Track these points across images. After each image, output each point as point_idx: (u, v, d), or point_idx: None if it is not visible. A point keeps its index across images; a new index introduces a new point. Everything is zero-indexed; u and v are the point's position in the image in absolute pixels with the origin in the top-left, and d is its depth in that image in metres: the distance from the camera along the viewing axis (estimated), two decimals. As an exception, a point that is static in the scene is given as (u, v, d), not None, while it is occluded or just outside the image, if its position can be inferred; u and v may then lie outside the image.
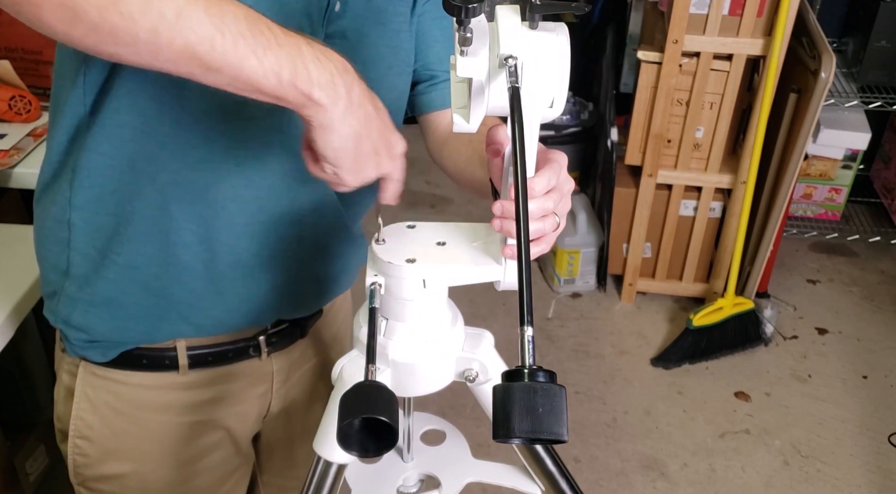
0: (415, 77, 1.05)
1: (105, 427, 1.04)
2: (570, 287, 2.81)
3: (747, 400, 2.41)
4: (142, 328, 0.99)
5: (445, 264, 0.80)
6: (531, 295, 0.60)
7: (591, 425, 2.30)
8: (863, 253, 3.03)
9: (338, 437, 0.66)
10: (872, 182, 3.12)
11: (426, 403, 0.89)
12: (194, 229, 0.93)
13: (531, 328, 0.60)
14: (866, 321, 2.72)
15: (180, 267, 0.95)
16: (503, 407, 0.58)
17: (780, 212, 2.47)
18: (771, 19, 2.25)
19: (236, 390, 1.09)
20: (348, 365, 0.83)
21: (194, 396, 1.05)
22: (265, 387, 1.12)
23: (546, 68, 0.69)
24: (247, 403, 1.11)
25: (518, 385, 0.58)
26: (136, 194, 0.90)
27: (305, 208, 0.97)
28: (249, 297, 1.00)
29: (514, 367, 0.59)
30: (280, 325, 1.09)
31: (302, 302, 1.09)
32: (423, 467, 0.97)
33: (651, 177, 2.54)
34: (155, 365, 1.02)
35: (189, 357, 1.02)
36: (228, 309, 1.00)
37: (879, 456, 2.22)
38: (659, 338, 2.62)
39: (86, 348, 1.00)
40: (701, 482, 2.14)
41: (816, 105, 2.26)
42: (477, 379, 0.85)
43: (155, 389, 1.03)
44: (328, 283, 1.11)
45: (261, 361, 1.09)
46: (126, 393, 1.03)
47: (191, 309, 0.98)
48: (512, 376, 0.59)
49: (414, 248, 0.80)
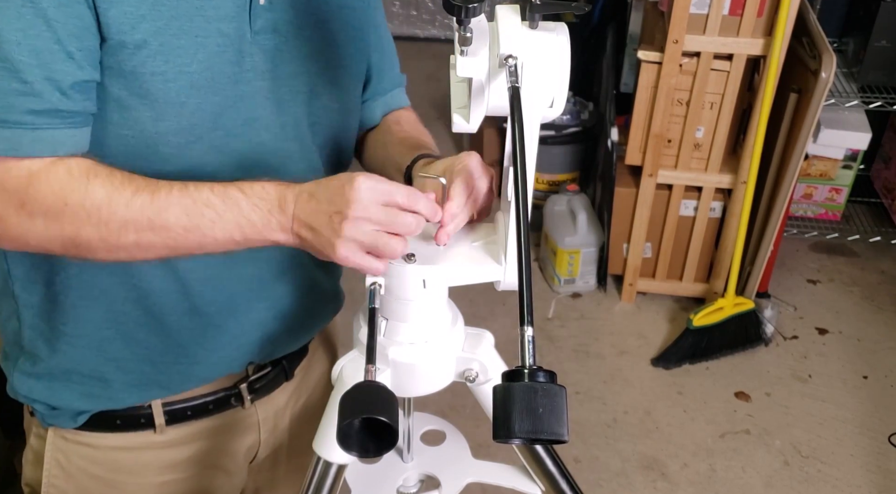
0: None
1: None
2: (571, 287, 2.81)
3: (747, 400, 2.40)
4: (108, 395, 0.94)
5: (446, 264, 0.80)
6: (531, 295, 0.61)
7: (592, 425, 2.30)
8: (863, 253, 3.02)
9: (338, 437, 0.66)
10: (873, 182, 3.12)
11: (426, 403, 0.89)
12: (134, 284, 0.89)
13: (531, 328, 0.60)
14: (866, 321, 2.72)
15: (130, 326, 0.91)
16: (503, 408, 0.58)
17: (781, 211, 2.47)
18: (771, 19, 2.25)
19: (220, 445, 1.02)
20: (348, 366, 0.83)
21: (175, 454, 0.99)
22: (252, 439, 1.06)
23: (546, 68, 0.69)
24: (232, 457, 1.05)
25: (518, 385, 0.58)
26: (61, 262, 0.87)
27: (256, 250, 0.91)
28: (214, 347, 0.95)
29: (515, 367, 0.59)
30: (262, 370, 1.02)
31: (277, 342, 1.01)
32: (423, 467, 0.97)
33: (651, 177, 2.54)
34: (130, 425, 0.96)
35: (166, 414, 0.96)
36: (194, 360, 0.95)
37: (879, 456, 2.22)
38: (659, 338, 2.62)
39: (53, 417, 0.95)
40: (701, 482, 2.14)
41: (817, 105, 2.26)
42: (477, 379, 0.85)
43: (131, 450, 0.97)
44: (303, 319, 1.04)
45: (245, 410, 1.02)
46: (101, 456, 0.97)
47: (154, 367, 0.94)
48: (512, 376, 0.59)
49: (414, 247, 0.80)
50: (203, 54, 0.81)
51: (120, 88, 0.79)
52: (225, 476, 1.05)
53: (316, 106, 0.93)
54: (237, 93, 0.85)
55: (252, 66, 0.85)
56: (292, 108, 0.90)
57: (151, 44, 0.78)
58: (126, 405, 0.95)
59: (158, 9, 0.78)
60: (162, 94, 0.80)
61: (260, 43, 0.85)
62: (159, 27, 0.78)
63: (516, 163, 0.63)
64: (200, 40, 0.81)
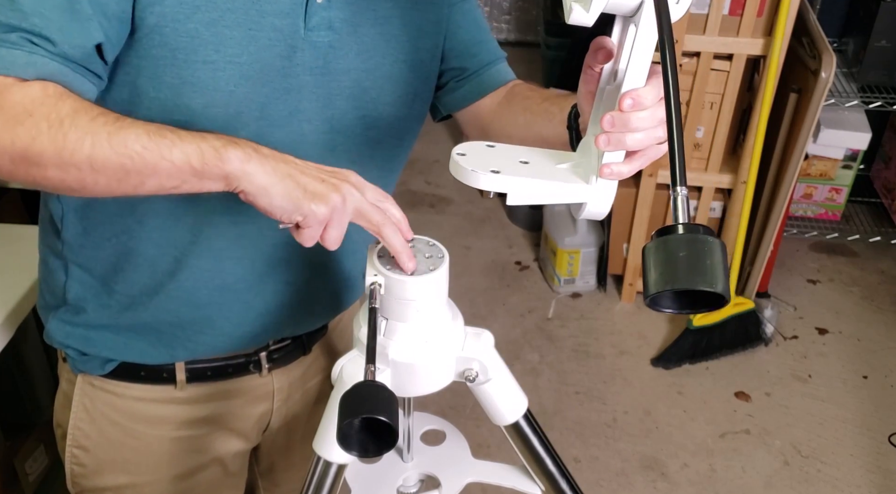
0: (444, 72, 1.03)
1: (102, 438, 1.03)
2: (571, 287, 2.81)
3: (747, 400, 2.40)
4: (137, 351, 0.99)
5: (533, 179, 0.75)
6: (683, 155, 0.57)
7: (592, 425, 2.30)
8: (863, 253, 3.02)
9: (338, 437, 0.66)
10: (873, 182, 3.12)
11: (426, 403, 0.89)
12: (176, 255, 0.93)
13: (685, 187, 0.56)
14: (866, 321, 2.72)
15: (165, 296, 0.95)
16: (659, 260, 0.54)
17: (781, 211, 2.47)
18: (771, 19, 2.25)
19: (235, 408, 1.07)
20: (348, 366, 0.83)
21: (192, 412, 1.04)
22: (265, 406, 1.10)
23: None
24: (245, 421, 1.09)
25: (674, 237, 0.54)
26: (121, 225, 0.92)
27: (285, 233, 0.95)
28: (239, 321, 0.99)
29: (667, 225, 0.56)
30: (282, 342, 1.07)
31: (300, 321, 1.07)
32: (423, 467, 0.97)
33: (651, 177, 2.54)
34: (152, 377, 1.01)
35: (187, 371, 1.01)
36: (219, 333, 0.99)
37: (879, 456, 2.22)
38: (659, 338, 2.62)
39: (83, 362, 1.00)
40: (701, 482, 2.14)
41: (816, 105, 2.26)
42: (477, 378, 0.84)
43: (152, 402, 1.02)
44: (327, 300, 1.09)
45: (262, 378, 1.07)
46: (123, 404, 1.02)
47: (183, 334, 0.98)
48: (668, 230, 0.55)
49: (498, 162, 0.76)
50: (254, 47, 0.84)
51: (173, 76, 0.82)
52: (236, 439, 1.10)
53: (365, 99, 0.94)
54: (284, 86, 0.87)
55: (302, 61, 0.87)
56: (339, 102, 0.92)
57: (204, 34, 0.81)
58: (154, 362, 1.00)
59: (214, 1, 0.81)
60: (211, 82, 0.83)
61: (312, 39, 0.87)
62: (213, 18, 0.81)
63: (663, 42, 0.59)
64: (253, 33, 0.83)
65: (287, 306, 1.02)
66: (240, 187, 0.75)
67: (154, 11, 0.79)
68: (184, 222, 0.91)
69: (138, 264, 0.94)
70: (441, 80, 1.04)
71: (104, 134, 0.73)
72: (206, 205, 0.90)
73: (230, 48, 0.82)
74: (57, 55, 0.75)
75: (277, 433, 1.15)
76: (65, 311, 0.99)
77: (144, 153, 0.73)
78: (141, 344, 0.99)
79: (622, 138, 0.72)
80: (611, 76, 0.77)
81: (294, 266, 0.99)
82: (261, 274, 0.97)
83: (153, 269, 0.94)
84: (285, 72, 0.87)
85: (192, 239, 0.92)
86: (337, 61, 0.90)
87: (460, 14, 1.01)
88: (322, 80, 0.90)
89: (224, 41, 0.82)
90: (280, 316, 1.02)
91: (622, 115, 0.71)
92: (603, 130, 0.72)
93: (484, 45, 1.04)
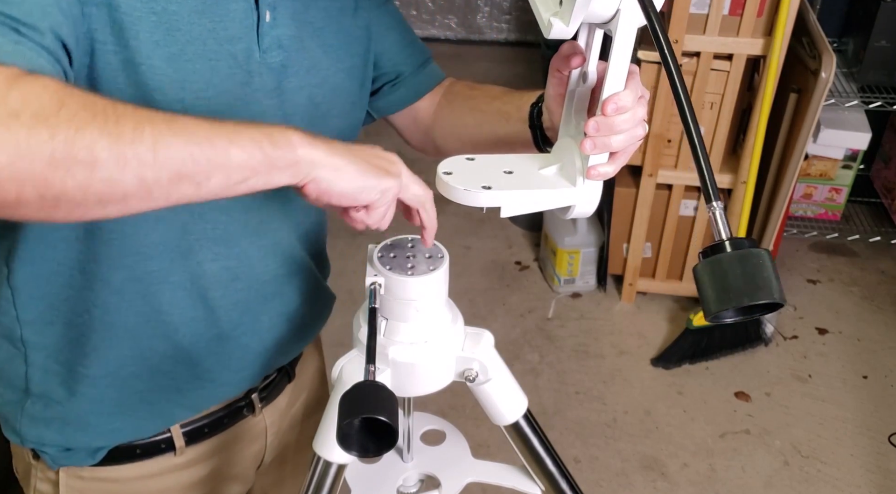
0: (377, 77, 1.01)
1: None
2: (570, 287, 2.81)
3: (747, 400, 2.41)
4: (130, 428, 0.92)
5: (523, 190, 0.77)
6: (712, 172, 0.59)
7: (591, 425, 2.30)
8: (863, 253, 3.03)
9: (338, 437, 0.66)
10: (872, 182, 3.12)
11: (426, 403, 0.89)
12: (162, 320, 0.87)
13: (720, 201, 0.58)
14: (866, 321, 2.72)
15: (156, 360, 0.89)
16: (715, 279, 0.57)
17: (781, 211, 2.47)
18: (771, 19, 2.25)
19: (233, 455, 1.04)
20: (348, 366, 0.83)
21: (193, 474, 1.00)
22: (259, 445, 1.08)
23: None
24: (242, 464, 1.06)
25: (726, 255, 0.57)
26: (91, 298, 0.84)
27: (278, 267, 0.94)
28: (238, 367, 0.96)
29: (713, 243, 0.58)
30: (269, 376, 1.04)
31: (291, 348, 1.05)
32: (423, 467, 0.97)
33: (651, 177, 2.54)
34: (150, 452, 0.95)
35: (185, 435, 0.96)
36: (220, 383, 0.96)
37: (879, 456, 2.22)
38: (659, 338, 2.62)
39: (66, 457, 0.92)
40: (701, 482, 2.14)
41: (816, 105, 2.26)
42: (477, 378, 0.84)
43: (153, 477, 0.96)
44: (315, 319, 1.07)
45: (254, 418, 1.04)
46: (122, 489, 0.95)
47: (179, 393, 0.93)
48: (715, 249, 0.58)
49: (485, 177, 0.77)
50: (217, 78, 0.79)
51: None
52: (235, 485, 1.07)
53: (317, 115, 0.92)
54: (247, 116, 0.83)
55: (260, 85, 0.84)
56: (295, 121, 0.89)
57: (166, 70, 0.75)
58: (150, 434, 0.94)
59: (173, 34, 0.75)
60: None
61: (267, 61, 0.84)
62: (173, 53, 0.75)
63: (658, 37, 0.61)
64: (213, 64, 0.79)
65: (281, 338, 0.99)
66: (311, 174, 0.67)
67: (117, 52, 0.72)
68: (174, 281, 0.85)
69: (119, 337, 0.86)
70: (375, 84, 1.02)
71: (161, 119, 0.61)
72: (197, 255, 0.86)
73: (195, 84, 0.78)
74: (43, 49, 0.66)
75: (270, 466, 1.13)
76: (32, 405, 0.89)
77: (214, 138, 0.63)
78: (132, 420, 0.92)
79: (607, 141, 0.74)
80: (580, 78, 0.79)
81: (286, 296, 0.97)
82: (256, 314, 0.94)
83: (139, 337, 0.87)
84: (246, 99, 0.83)
85: (184, 295, 0.87)
86: (289, 80, 0.87)
87: (387, 15, 0.99)
88: (278, 101, 0.86)
89: (188, 77, 0.77)
90: (275, 350, 0.99)
91: (606, 120, 0.72)
92: (587, 135, 0.73)
93: (414, 44, 1.03)
